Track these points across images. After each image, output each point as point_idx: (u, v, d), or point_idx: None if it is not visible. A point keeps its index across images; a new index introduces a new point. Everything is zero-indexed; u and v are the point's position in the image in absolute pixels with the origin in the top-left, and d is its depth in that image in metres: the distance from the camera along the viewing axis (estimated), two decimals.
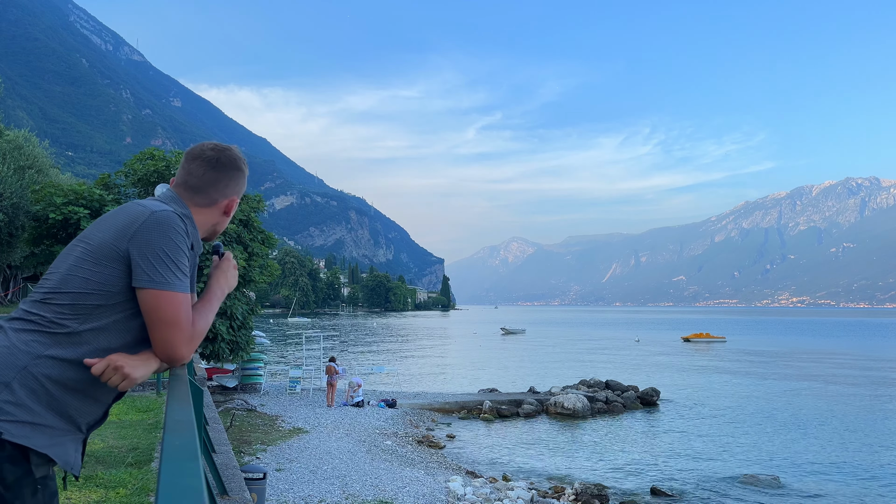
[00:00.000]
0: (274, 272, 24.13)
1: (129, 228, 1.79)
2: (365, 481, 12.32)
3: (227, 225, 2.16)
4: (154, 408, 12.24)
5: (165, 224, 1.81)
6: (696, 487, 14.82)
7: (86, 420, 1.85)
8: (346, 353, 47.41)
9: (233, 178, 2.09)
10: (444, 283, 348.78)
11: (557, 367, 41.26)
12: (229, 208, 2.09)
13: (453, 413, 22.80)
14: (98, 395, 1.85)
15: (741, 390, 31.16)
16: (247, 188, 2.22)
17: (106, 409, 1.92)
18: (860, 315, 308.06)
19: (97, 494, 6.25)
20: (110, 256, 1.79)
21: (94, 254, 1.80)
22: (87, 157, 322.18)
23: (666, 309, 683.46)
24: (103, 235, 1.82)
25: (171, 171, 20.62)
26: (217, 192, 2.05)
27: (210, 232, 2.11)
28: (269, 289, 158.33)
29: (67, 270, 1.80)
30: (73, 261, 1.82)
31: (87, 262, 1.79)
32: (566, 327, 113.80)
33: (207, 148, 2.08)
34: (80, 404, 1.80)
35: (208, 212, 2.06)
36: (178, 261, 1.81)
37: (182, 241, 1.85)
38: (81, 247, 1.83)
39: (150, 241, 1.78)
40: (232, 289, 2.11)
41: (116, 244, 1.79)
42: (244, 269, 20.15)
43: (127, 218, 1.83)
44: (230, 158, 2.08)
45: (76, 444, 1.83)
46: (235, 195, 2.10)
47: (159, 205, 1.88)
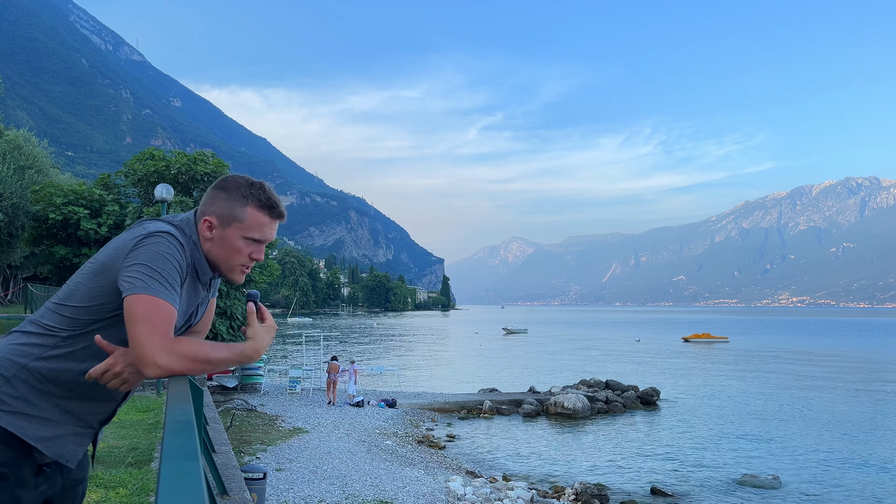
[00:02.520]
0: (274, 272, 24.14)
1: (127, 246, 1.83)
2: (365, 481, 12.32)
3: (222, 254, 1.99)
4: (154, 408, 12.25)
5: (158, 240, 1.82)
6: (696, 487, 14.82)
7: (96, 418, 1.94)
8: (346, 353, 47.39)
9: (210, 196, 2.01)
10: (444, 283, 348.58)
11: (557, 366, 41.25)
12: (204, 227, 1.97)
13: (453, 413, 22.79)
14: (101, 395, 1.90)
15: (741, 390, 31.15)
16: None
17: (115, 406, 1.99)
18: (860, 315, 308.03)
19: (97, 494, 6.25)
20: (107, 273, 1.84)
21: (96, 269, 1.86)
22: (86, 157, 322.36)
23: (666, 309, 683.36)
24: (108, 252, 1.87)
25: (170, 171, 20.63)
26: (200, 213, 2.00)
27: (223, 263, 2.00)
28: (269, 289, 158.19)
29: (74, 285, 1.88)
30: (80, 275, 1.90)
31: (89, 278, 1.86)
32: (566, 327, 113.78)
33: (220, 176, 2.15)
34: (86, 406, 1.89)
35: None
36: (163, 272, 1.78)
37: (174, 257, 1.82)
38: (90, 263, 1.91)
39: (139, 255, 1.79)
40: (259, 356, 1.96)
41: (115, 260, 1.83)
42: None
43: (128, 235, 1.87)
44: (221, 179, 2.05)
45: (80, 439, 1.91)
46: (210, 215, 1.97)
47: (163, 225, 1.89)
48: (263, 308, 2.01)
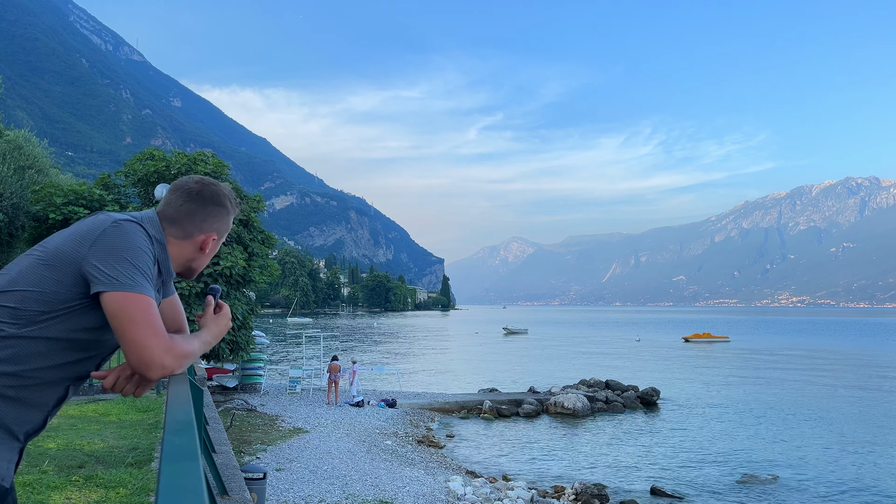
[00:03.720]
0: (274, 272, 24.14)
1: (91, 234, 1.70)
2: (365, 481, 12.33)
3: (205, 264, 2.02)
4: (154, 408, 12.25)
5: (129, 232, 1.73)
6: (695, 487, 14.83)
7: (23, 429, 1.71)
8: (346, 353, 47.39)
9: (211, 214, 1.96)
10: (444, 282, 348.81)
11: (557, 366, 41.27)
12: (205, 245, 1.96)
13: (453, 413, 22.80)
14: (36, 401, 1.71)
15: (741, 390, 31.16)
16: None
17: (46, 415, 1.76)
18: (860, 315, 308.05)
19: (97, 494, 6.26)
20: (65, 261, 1.69)
21: (48, 258, 1.70)
22: (87, 157, 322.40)
23: (666, 309, 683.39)
24: (62, 241, 1.73)
25: (170, 171, 20.62)
26: (193, 226, 1.93)
27: (185, 268, 1.98)
28: (269, 289, 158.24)
29: (18, 273, 1.71)
30: (26, 264, 1.72)
31: (40, 267, 1.69)
32: (567, 327, 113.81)
33: (192, 180, 1.97)
34: (16, 413, 1.67)
35: (183, 245, 1.94)
36: (143, 265, 1.70)
37: (147, 250, 1.74)
38: (38, 251, 1.74)
39: (112, 245, 1.68)
40: (217, 342, 1.95)
41: (75, 249, 1.69)
42: (244, 269, 20.15)
43: (90, 225, 1.74)
44: (213, 193, 1.96)
45: (10, 454, 1.68)
46: (214, 232, 1.96)
47: (129, 216, 1.79)
48: (221, 302, 2.02)
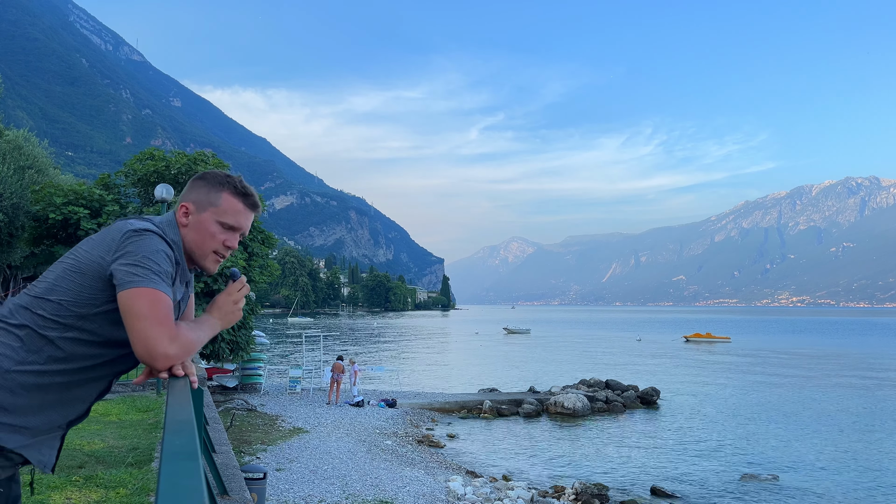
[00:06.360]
0: (274, 272, 24.14)
1: (115, 242, 1.83)
2: (365, 481, 12.32)
3: (200, 245, 2.04)
4: (154, 408, 12.25)
5: (147, 237, 1.84)
6: (696, 487, 14.82)
7: (67, 418, 1.88)
8: (346, 354, 47.40)
9: (189, 185, 2.09)
10: (444, 282, 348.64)
11: (558, 366, 41.25)
12: (181, 213, 2.04)
13: (453, 413, 22.79)
14: (80, 396, 1.88)
15: (741, 390, 31.15)
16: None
17: (89, 405, 1.94)
18: (860, 315, 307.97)
19: (97, 494, 6.26)
20: (93, 267, 1.82)
21: (79, 265, 1.84)
22: (87, 157, 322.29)
23: (666, 309, 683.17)
24: (90, 247, 1.87)
25: (170, 171, 20.63)
26: (179, 201, 2.07)
27: (186, 257, 2.04)
28: (269, 289, 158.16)
29: (55, 279, 1.85)
30: (60, 270, 1.86)
31: (73, 273, 1.83)
32: (567, 327, 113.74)
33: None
34: (61, 406, 1.84)
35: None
36: (159, 265, 1.81)
37: (167, 253, 1.86)
38: (70, 259, 1.88)
39: (131, 249, 1.80)
40: (231, 323, 2.06)
41: (102, 256, 1.82)
42: (244, 270, 20.14)
43: (114, 232, 1.87)
44: (200, 173, 2.12)
45: (53, 442, 1.87)
46: (187, 202, 2.04)
47: (149, 224, 1.91)
48: (242, 279, 2.09)
